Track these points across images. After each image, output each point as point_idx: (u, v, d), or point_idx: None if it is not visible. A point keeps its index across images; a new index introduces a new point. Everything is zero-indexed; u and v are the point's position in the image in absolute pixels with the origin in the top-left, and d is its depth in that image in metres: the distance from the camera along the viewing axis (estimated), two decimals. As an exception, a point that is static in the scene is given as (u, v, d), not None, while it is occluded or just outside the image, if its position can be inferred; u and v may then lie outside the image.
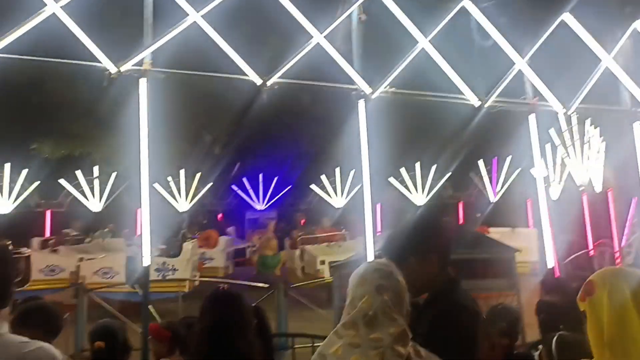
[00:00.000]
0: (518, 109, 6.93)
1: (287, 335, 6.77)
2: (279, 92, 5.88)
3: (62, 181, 18.94)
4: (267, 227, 18.03)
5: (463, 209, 20.10)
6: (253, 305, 3.52)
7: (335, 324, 1.94)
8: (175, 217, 19.58)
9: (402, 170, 17.94)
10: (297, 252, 14.47)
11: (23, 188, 17.88)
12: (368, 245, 6.05)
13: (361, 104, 6.12)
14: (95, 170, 19.45)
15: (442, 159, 16.20)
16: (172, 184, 20.40)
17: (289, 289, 8.51)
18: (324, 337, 1.97)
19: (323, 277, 11.53)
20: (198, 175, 20.82)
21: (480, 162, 17.88)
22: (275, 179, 22.64)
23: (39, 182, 18.04)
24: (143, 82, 5.26)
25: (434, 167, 17.51)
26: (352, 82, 6.19)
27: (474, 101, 6.52)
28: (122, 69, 5.14)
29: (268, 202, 22.84)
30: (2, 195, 17.58)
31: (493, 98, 6.59)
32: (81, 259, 12.57)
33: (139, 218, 13.50)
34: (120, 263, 12.10)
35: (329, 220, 18.32)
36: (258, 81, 5.68)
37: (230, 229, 20.42)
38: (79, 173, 19.12)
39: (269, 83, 5.68)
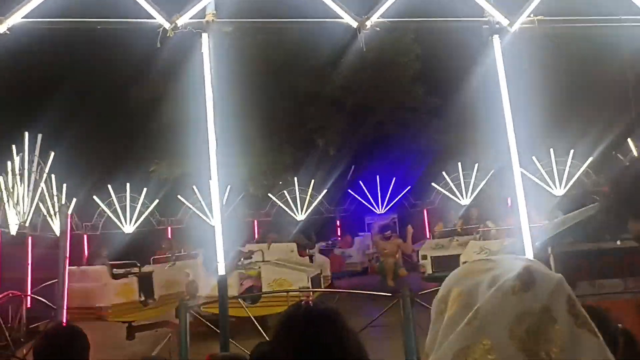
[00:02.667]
0: None
1: None
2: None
3: (179, 197, 18.92)
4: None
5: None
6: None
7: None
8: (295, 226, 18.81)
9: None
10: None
11: (144, 207, 18.02)
12: (525, 234, 4.39)
13: (496, 40, 4.50)
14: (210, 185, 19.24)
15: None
16: (286, 193, 19.77)
17: (417, 297, 6.93)
18: None
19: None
20: (312, 182, 19.99)
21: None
22: (394, 179, 21.07)
23: (157, 200, 18.08)
24: (205, 38, 4.11)
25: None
26: (480, 14, 4.59)
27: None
28: (179, 22, 4.01)
29: (387, 204, 21.24)
30: (125, 215, 17.82)
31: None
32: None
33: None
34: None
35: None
36: (354, 23, 4.29)
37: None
38: (195, 189, 19.03)
39: (368, 24, 4.26)
